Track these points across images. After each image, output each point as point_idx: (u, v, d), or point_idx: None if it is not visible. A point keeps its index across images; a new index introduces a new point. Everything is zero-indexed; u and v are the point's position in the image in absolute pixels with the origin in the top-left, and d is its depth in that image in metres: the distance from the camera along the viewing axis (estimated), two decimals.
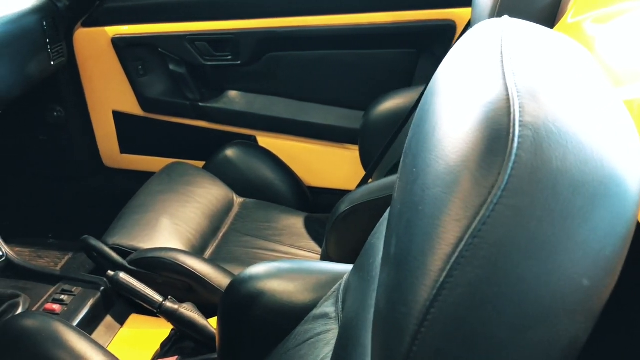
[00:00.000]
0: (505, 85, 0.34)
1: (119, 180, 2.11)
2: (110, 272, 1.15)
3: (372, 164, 1.37)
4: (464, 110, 0.36)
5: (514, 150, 0.31)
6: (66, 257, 1.97)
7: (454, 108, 0.38)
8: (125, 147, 2.06)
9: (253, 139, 1.92)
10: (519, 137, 0.31)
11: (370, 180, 1.46)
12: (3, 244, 1.27)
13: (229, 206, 1.70)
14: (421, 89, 1.53)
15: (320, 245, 1.59)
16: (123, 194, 1.90)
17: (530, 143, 0.31)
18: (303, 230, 1.63)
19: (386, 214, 0.69)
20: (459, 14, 1.61)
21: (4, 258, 1.16)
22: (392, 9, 1.65)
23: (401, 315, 0.34)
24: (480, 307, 0.31)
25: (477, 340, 0.32)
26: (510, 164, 0.31)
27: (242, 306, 0.86)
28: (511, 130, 0.32)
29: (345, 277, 0.77)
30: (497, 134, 0.32)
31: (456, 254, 0.32)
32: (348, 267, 0.86)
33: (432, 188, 0.34)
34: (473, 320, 0.31)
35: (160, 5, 1.81)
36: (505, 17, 0.43)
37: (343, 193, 1.83)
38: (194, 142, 1.96)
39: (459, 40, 0.52)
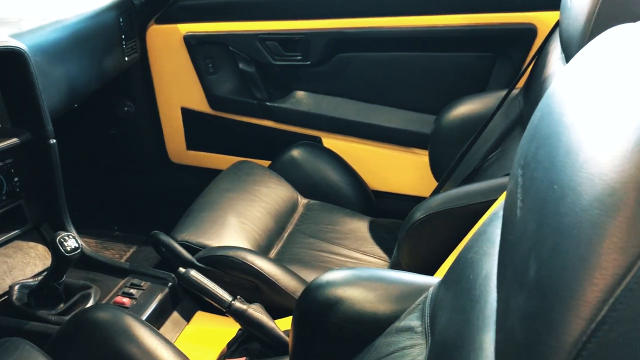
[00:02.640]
0: None
1: (184, 176, 2.13)
2: (182, 269, 1.16)
3: (448, 171, 1.33)
4: (622, 125, 0.32)
5: None
6: (131, 250, 2.00)
7: (605, 122, 0.34)
8: (192, 143, 2.08)
9: (318, 140, 1.90)
10: None
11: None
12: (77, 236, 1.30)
13: (293, 207, 1.69)
14: (498, 94, 1.48)
15: (385, 251, 1.56)
16: (188, 189, 1.92)
17: None
18: (367, 235, 1.60)
19: (482, 228, 0.66)
20: (540, 18, 1.54)
21: (79, 250, 1.18)
22: (469, 12, 1.60)
23: (548, 349, 0.31)
24: None
25: None
26: None
27: (318, 312, 0.84)
28: None
29: (431, 290, 0.74)
30: None
31: (622, 286, 0.28)
32: (432, 280, 0.83)
33: (589, 210, 0.31)
34: None
35: (232, 4, 1.82)
36: None
37: (408, 198, 1.82)
38: (260, 141, 1.96)
39: (586, 47, 0.48)
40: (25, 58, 1.23)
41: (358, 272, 0.89)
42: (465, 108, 1.50)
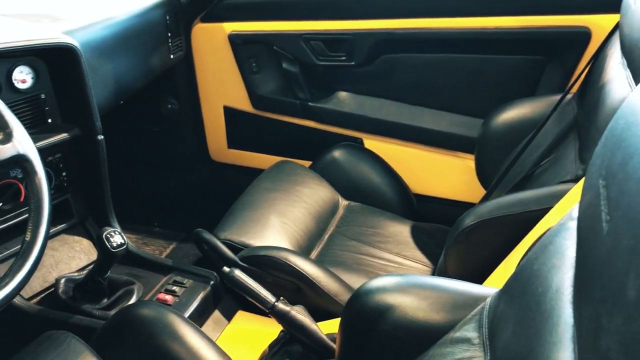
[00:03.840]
0: None
1: (224, 174, 2.14)
2: (226, 269, 1.15)
3: (499, 176, 1.30)
4: None
5: None
6: (170, 247, 2.02)
7: None
8: (233, 142, 2.09)
9: (359, 141, 1.88)
10: None
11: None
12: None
13: (334, 208, 1.68)
14: (549, 98, 1.44)
15: (427, 256, 1.53)
16: (228, 187, 1.92)
17: None
18: (409, 239, 1.58)
19: (547, 239, 0.63)
20: (595, 21, 1.49)
21: (125, 246, 1.19)
22: (521, 14, 1.56)
23: None
24: None
25: None
26: None
27: (368, 319, 0.82)
28: None
29: (488, 301, 0.72)
30: None
31: None
32: (487, 290, 0.80)
33: None
34: None
35: (278, 3, 1.82)
36: None
37: (451, 203, 1.78)
38: (301, 141, 1.95)
39: None
40: (78, 55, 1.24)
41: (409, 278, 0.87)
42: (515, 112, 1.47)
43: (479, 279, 1.05)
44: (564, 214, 0.95)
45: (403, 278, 0.86)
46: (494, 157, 1.47)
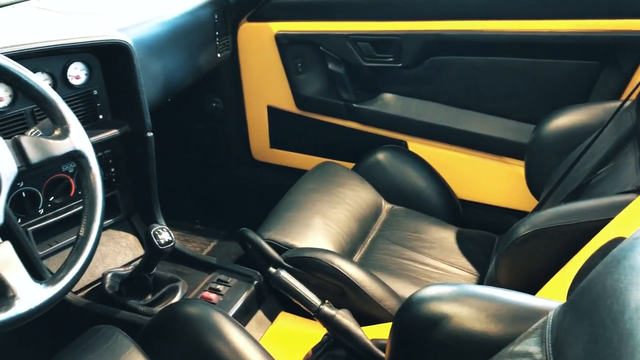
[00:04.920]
0: None
1: (265, 173, 2.14)
2: (272, 269, 1.14)
3: (554, 185, 1.26)
4: None
5: None
6: (212, 244, 2.03)
7: None
8: (275, 142, 2.09)
9: (403, 144, 1.86)
10: None
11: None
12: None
13: (377, 211, 1.66)
14: (604, 105, 1.40)
15: (473, 264, 1.50)
16: (269, 187, 1.92)
17: None
18: (454, 246, 1.55)
19: (620, 253, 0.60)
20: None
21: (172, 243, 1.20)
22: (576, 17, 1.51)
23: None
24: None
25: None
26: None
27: (422, 328, 0.80)
28: None
29: (551, 314, 0.69)
30: None
31: None
32: (548, 303, 0.77)
33: None
34: None
35: (325, 3, 1.81)
36: None
37: (498, 210, 1.75)
38: (344, 142, 1.94)
39: None
40: (131, 52, 1.26)
41: (464, 288, 0.85)
42: (569, 119, 1.42)
43: (532, 289, 1.01)
44: (628, 226, 0.91)
45: (458, 287, 0.84)
46: (546, 164, 1.43)
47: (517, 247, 1.06)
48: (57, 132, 0.94)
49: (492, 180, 1.73)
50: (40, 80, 0.93)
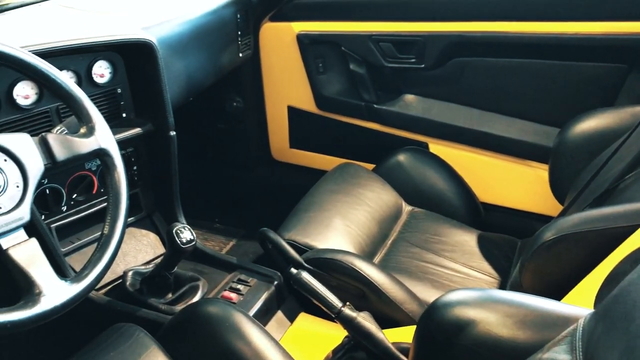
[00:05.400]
0: None
1: (285, 173, 2.14)
2: (294, 270, 1.14)
3: (581, 189, 1.24)
4: None
5: None
6: (231, 243, 2.04)
7: None
8: (295, 142, 2.08)
9: (424, 146, 1.85)
10: None
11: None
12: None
13: (397, 213, 1.65)
14: (632, 109, 1.38)
15: (494, 268, 1.48)
16: (288, 187, 1.92)
17: None
18: (476, 249, 1.53)
19: None
20: None
21: (194, 243, 1.20)
22: (604, 19, 1.49)
23: None
24: None
25: None
26: None
27: (447, 333, 0.79)
28: None
29: (581, 322, 0.68)
30: None
31: None
32: (577, 310, 0.76)
33: None
34: None
35: (348, 3, 1.80)
36: None
37: (520, 214, 1.73)
38: (364, 143, 1.93)
39: None
40: (155, 51, 1.26)
41: (490, 293, 0.84)
42: (595, 122, 1.40)
43: (557, 295, 1.00)
44: None
45: (484, 292, 0.83)
46: (571, 168, 1.41)
47: (542, 252, 1.05)
48: (82, 130, 0.94)
49: (514, 183, 1.71)
50: (68, 79, 0.93)
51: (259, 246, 1.44)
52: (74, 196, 1.28)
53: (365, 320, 1.12)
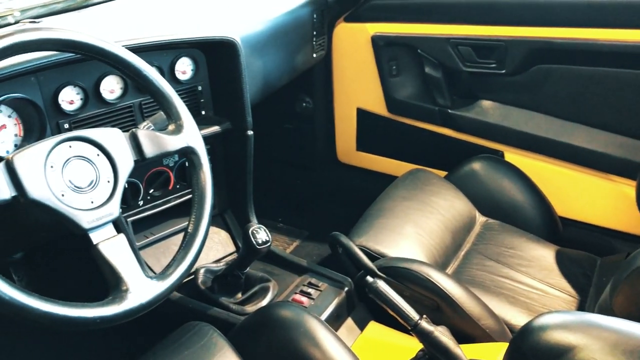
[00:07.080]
0: None
1: (350, 176, 2.11)
2: (369, 278, 1.11)
3: None
4: None
5: None
6: (294, 244, 2.02)
7: None
8: (362, 145, 2.05)
9: (500, 154, 1.78)
10: None
11: None
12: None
13: (470, 223, 1.59)
14: None
15: (573, 286, 1.41)
16: (353, 190, 1.89)
17: None
18: (554, 265, 1.46)
19: None
20: None
21: (269, 243, 1.18)
22: None
23: None
24: None
25: None
26: None
27: (544, 357, 0.75)
28: None
29: None
30: None
31: None
32: None
33: None
34: None
35: (426, 5, 1.75)
36: None
37: (601, 231, 1.64)
38: (436, 149, 1.88)
39: None
40: (237, 49, 1.26)
41: (589, 318, 0.78)
42: None
43: None
44: None
45: (583, 316, 0.78)
46: None
47: (638, 276, 0.98)
48: (171, 128, 0.94)
49: (596, 198, 1.62)
50: (160, 76, 0.93)
51: (323, 248, 1.41)
52: (150, 191, 1.29)
53: (442, 334, 1.08)
